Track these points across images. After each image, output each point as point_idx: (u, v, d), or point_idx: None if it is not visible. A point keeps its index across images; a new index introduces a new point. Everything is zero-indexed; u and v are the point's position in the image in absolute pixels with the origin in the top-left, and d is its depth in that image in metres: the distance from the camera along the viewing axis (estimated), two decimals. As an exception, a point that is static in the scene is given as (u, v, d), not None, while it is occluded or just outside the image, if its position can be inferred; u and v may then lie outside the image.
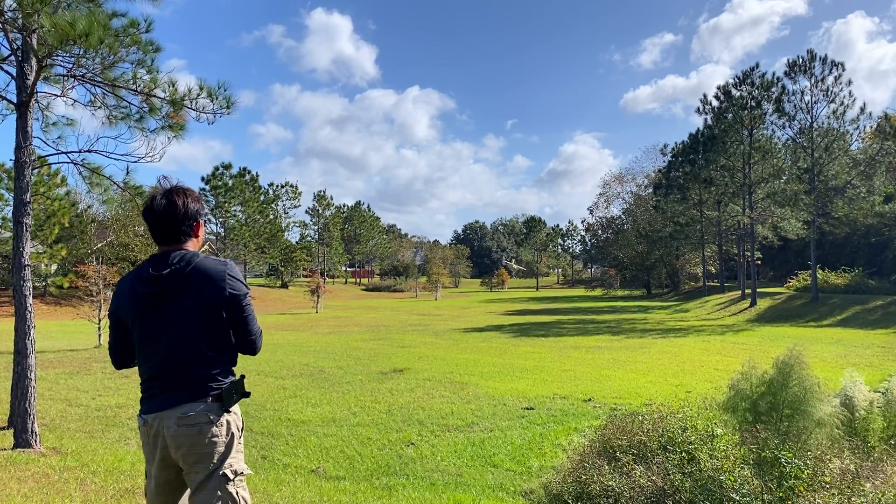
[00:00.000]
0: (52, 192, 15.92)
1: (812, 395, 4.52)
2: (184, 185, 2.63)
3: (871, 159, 33.44)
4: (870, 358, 15.16)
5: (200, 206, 2.62)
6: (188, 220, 2.54)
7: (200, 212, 2.61)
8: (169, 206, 2.52)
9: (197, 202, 2.60)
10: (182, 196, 2.57)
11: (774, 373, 4.72)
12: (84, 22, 5.52)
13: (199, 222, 2.60)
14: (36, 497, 4.79)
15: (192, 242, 2.58)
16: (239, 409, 2.61)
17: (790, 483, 3.82)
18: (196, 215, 2.58)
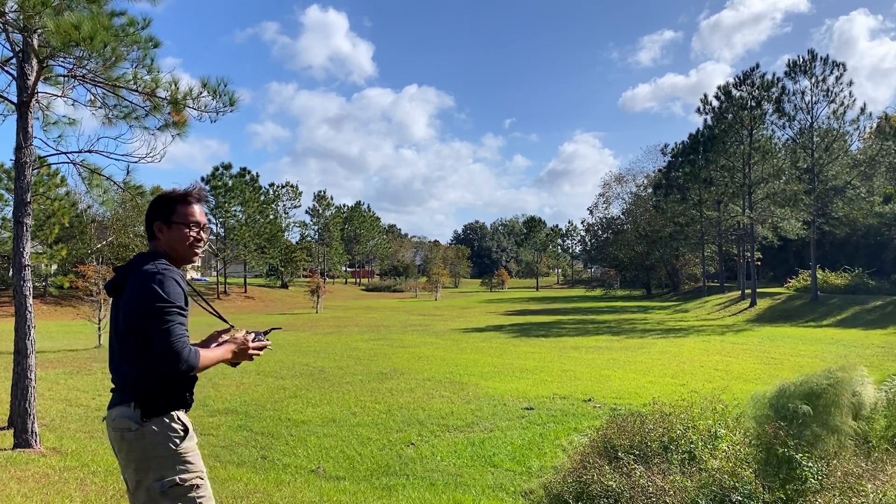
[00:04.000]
0: (52, 192, 15.90)
1: (839, 410, 4.52)
2: (173, 188, 2.68)
3: (871, 159, 33.46)
4: (870, 358, 15.16)
5: (163, 209, 2.59)
6: (148, 221, 2.61)
7: (156, 214, 2.60)
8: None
9: (159, 206, 2.60)
10: (159, 198, 2.67)
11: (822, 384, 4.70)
12: (88, 24, 5.52)
13: (160, 224, 2.58)
14: (36, 497, 4.79)
15: (155, 243, 2.58)
16: (182, 417, 2.47)
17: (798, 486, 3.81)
18: (153, 217, 2.60)
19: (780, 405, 4.66)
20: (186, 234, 2.56)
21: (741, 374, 12.87)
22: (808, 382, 4.76)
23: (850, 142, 34.06)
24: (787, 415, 4.56)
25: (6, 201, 21.17)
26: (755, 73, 34.01)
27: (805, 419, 4.46)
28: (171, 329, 2.34)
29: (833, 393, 4.61)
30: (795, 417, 4.50)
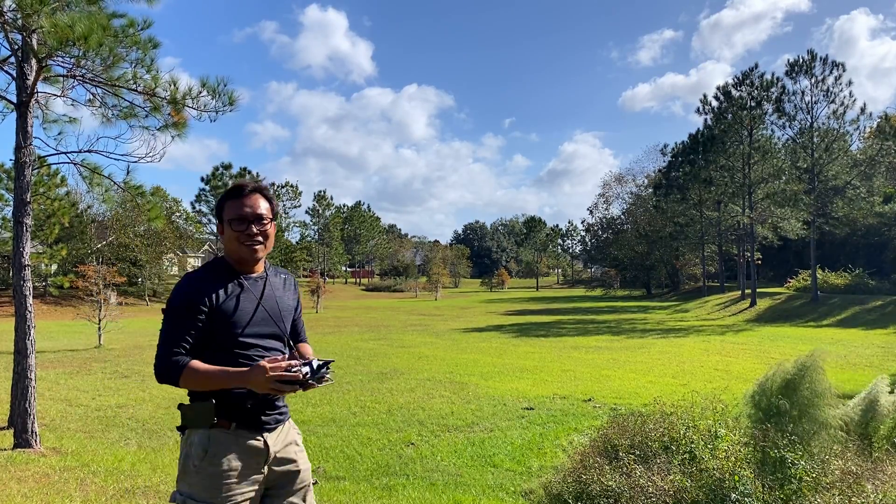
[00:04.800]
0: (53, 192, 15.93)
1: (821, 399, 4.52)
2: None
3: (871, 159, 33.47)
4: (869, 358, 15.16)
5: (218, 209, 2.43)
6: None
7: (216, 216, 2.44)
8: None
9: (216, 207, 2.45)
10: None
11: (793, 374, 4.71)
12: (83, 24, 5.52)
13: (219, 226, 2.40)
14: (36, 497, 4.79)
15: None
16: (213, 436, 2.22)
17: (794, 485, 3.81)
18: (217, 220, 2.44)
19: (763, 402, 4.67)
20: (233, 231, 2.28)
21: (741, 374, 12.86)
22: (778, 375, 4.77)
23: (850, 142, 34.10)
24: (772, 412, 4.57)
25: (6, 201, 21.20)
26: (755, 73, 34.04)
27: (792, 414, 4.46)
28: (161, 334, 2.23)
29: (810, 381, 4.62)
30: (780, 414, 4.50)
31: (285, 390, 2.11)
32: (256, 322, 2.29)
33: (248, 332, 2.26)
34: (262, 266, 2.41)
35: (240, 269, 2.34)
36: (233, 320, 2.23)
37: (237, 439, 2.23)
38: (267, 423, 2.30)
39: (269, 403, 2.29)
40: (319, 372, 2.21)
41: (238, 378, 2.13)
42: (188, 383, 2.17)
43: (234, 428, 2.23)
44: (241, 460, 2.23)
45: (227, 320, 2.23)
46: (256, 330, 2.29)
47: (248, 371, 2.12)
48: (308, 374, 2.16)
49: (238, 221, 2.27)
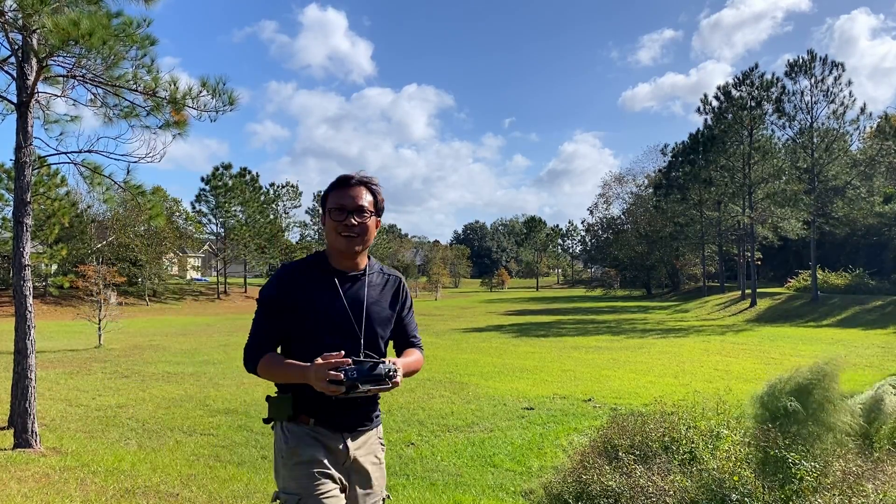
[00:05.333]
0: (53, 192, 15.92)
1: (831, 405, 4.52)
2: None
3: (871, 160, 33.48)
4: (870, 358, 15.16)
5: (322, 201, 2.34)
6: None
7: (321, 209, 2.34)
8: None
9: (321, 199, 2.36)
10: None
11: (808, 378, 4.70)
12: (87, 22, 5.52)
13: (323, 217, 2.33)
14: (36, 497, 4.79)
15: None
16: (290, 429, 2.21)
17: (795, 485, 3.81)
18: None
19: (772, 403, 4.66)
20: (331, 221, 2.22)
21: (741, 374, 12.87)
22: (795, 378, 4.76)
23: (850, 142, 34.11)
24: (780, 413, 4.57)
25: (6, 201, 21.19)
26: (755, 73, 34.06)
27: (799, 416, 4.46)
28: (252, 324, 2.27)
29: (822, 387, 4.61)
30: (788, 416, 4.50)
31: (333, 390, 1.99)
32: (336, 320, 2.21)
33: (326, 330, 2.20)
34: (363, 263, 2.33)
35: (337, 264, 2.27)
36: (311, 317, 2.20)
37: (316, 436, 2.20)
38: (347, 425, 2.24)
39: (351, 405, 2.20)
40: (371, 374, 2.03)
41: (301, 373, 2.08)
42: (265, 374, 2.19)
43: (314, 424, 2.20)
44: (323, 453, 2.19)
45: (307, 316, 2.19)
46: (335, 328, 2.21)
47: (308, 367, 2.06)
48: (354, 374, 2.00)
49: (338, 211, 2.21)
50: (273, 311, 2.22)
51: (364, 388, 2.00)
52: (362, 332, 2.24)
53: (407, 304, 2.45)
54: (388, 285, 2.38)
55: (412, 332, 2.47)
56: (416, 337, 2.49)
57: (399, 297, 2.41)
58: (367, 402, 2.29)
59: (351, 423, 2.25)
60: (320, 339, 2.18)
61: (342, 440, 2.22)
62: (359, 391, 2.00)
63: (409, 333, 2.46)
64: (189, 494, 5.02)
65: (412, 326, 2.48)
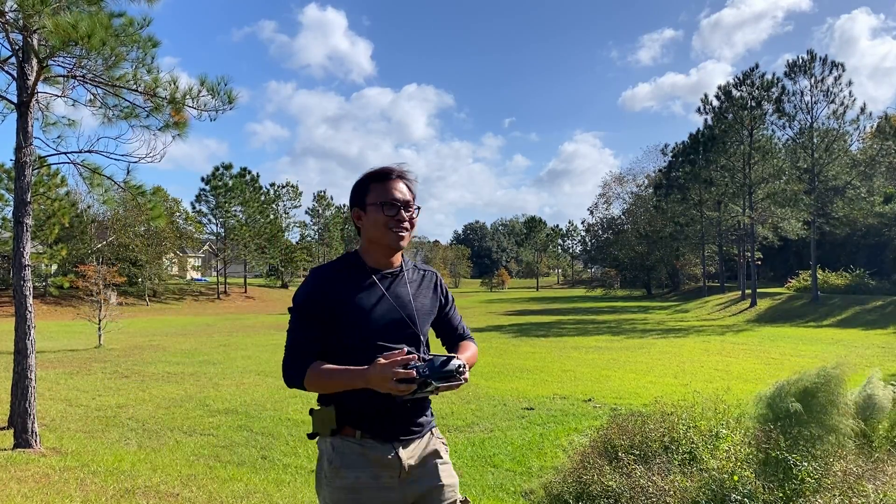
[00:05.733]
0: (53, 193, 15.92)
1: (835, 408, 4.52)
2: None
3: (871, 160, 33.50)
4: (870, 358, 15.15)
5: (357, 193, 2.18)
6: (352, 215, 2.23)
7: (353, 202, 2.19)
8: None
9: (354, 191, 2.20)
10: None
11: (814, 381, 4.70)
12: (86, 23, 5.52)
13: (357, 212, 2.18)
14: (36, 497, 4.79)
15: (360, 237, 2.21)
16: (335, 445, 2.05)
17: (795, 485, 3.81)
18: (351, 206, 2.21)
19: (777, 405, 4.66)
20: (382, 215, 2.08)
21: (741, 374, 12.86)
22: (802, 381, 4.76)
23: (850, 142, 34.12)
24: (782, 414, 4.57)
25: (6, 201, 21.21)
26: (755, 73, 34.06)
27: (801, 418, 4.46)
28: (287, 335, 2.11)
29: (827, 391, 4.61)
30: (790, 417, 4.50)
31: (402, 390, 1.85)
32: (385, 322, 2.08)
33: (375, 333, 2.06)
34: (399, 260, 2.21)
35: (374, 262, 2.15)
36: (358, 320, 2.05)
37: (364, 450, 2.04)
38: (398, 432, 2.08)
39: (399, 409, 2.05)
40: (442, 370, 1.88)
41: (360, 377, 1.93)
42: (314, 386, 2.03)
43: (360, 437, 2.04)
44: (370, 474, 2.02)
45: (353, 320, 2.05)
46: (385, 330, 2.08)
47: (368, 369, 1.92)
48: (426, 371, 1.86)
49: (390, 206, 2.08)
50: (311, 318, 2.06)
51: (434, 385, 1.86)
52: (422, 332, 2.14)
53: (449, 298, 2.36)
54: (425, 281, 2.28)
55: (460, 326, 2.39)
56: (466, 329, 2.41)
57: (439, 292, 2.31)
58: (418, 407, 2.12)
59: (402, 431, 2.09)
60: (372, 345, 2.03)
61: (393, 450, 2.06)
62: (428, 389, 1.87)
63: (458, 327, 2.38)
64: (189, 494, 5.02)
65: (458, 320, 2.39)
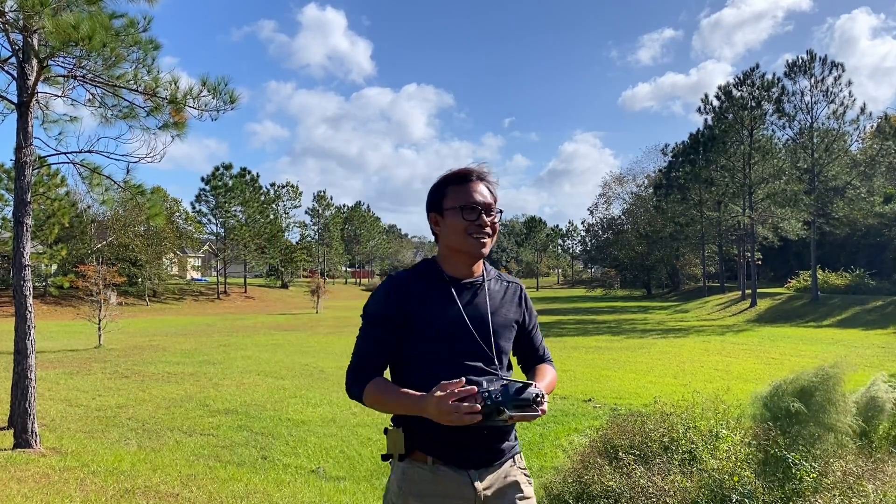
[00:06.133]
0: (53, 193, 15.93)
1: (833, 407, 4.52)
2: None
3: (871, 160, 33.50)
4: (870, 358, 15.15)
5: (434, 197, 2.03)
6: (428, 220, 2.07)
7: (429, 206, 2.04)
8: None
9: (431, 194, 2.04)
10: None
11: (812, 380, 4.70)
12: (87, 24, 5.52)
13: (434, 216, 2.02)
14: (36, 497, 4.79)
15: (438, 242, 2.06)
16: (406, 470, 1.91)
17: (795, 485, 3.81)
18: (428, 210, 2.05)
19: (774, 404, 4.67)
20: (461, 220, 1.92)
21: (741, 374, 12.86)
22: (799, 380, 4.77)
23: (850, 142, 34.13)
24: (781, 414, 4.57)
25: (6, 201, 21.23)
26: (755, 74, 34.06)
27: (800, 418, 4.46)
28: (355, 343, 2.01)
29: (825, 389, 4.62)
30: (789, 416, 4.50)
31: (466, 421, 1.66)
32: (457, 337, 1.91)
33: (445, 348, 1.90)
34: (480, 269, 2.04)
35: (453, 271, 1.99)
36: (429, 333, 1.91)
37: (436, 477, 1.88)
38: (473, 459, 1.90)
39: (475, 435, 1.83)
40: (518, 398, 1.67)
41: (417, 406, 1.78)
42: (372, 403, 1.90)
43: (432, 463, 1.88)
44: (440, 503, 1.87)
45: (422, 332, 1.92)
46: (455, 346, 1.91)
47: (425, 397, 1.76)
48: (499, 398, 1.66)
49: (470, 210, 1.92)
50: (379, 328, 1.95)
51: (507, 414, 1.65)
52: (492, 348, 1.94)
53: (532, 315, 2.14)
54: (508, 293, 2.08)
55: (541, 347, 2.17)
56: (546, 351, 2.19)
57: (523, 307, 2.10)
58: (497, 431, 1.91)
59: (478, 459, 1.90)
60: (439, 360, 1.90)
61: (469, 480, 1.88)
62: (501, 418, 1.66)
63: (538, 348, 2.16)
64: (189, 494, 5.02)
65: (539, 340, 2.17)
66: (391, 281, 2.00)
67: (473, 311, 1.95)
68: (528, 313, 2.12)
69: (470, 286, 1.99)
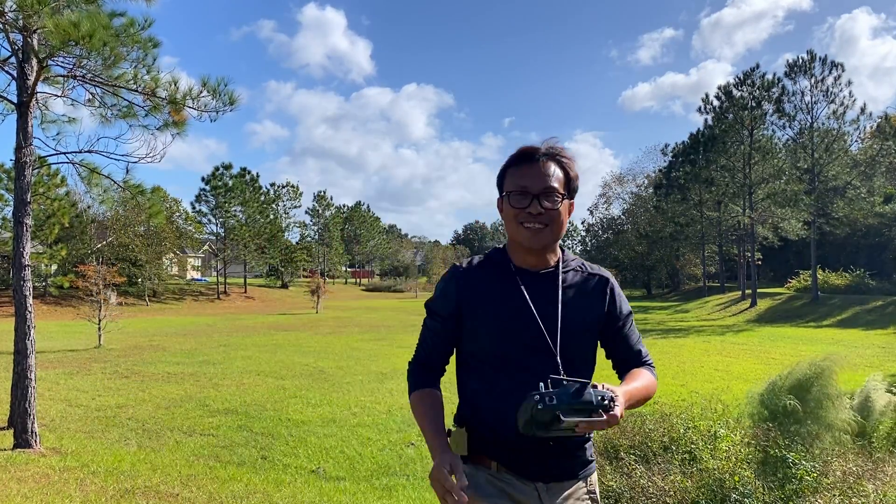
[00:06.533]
0: (52, 193, 15.94)
1: (829, 402, 4.53)
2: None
3: (872, 160, 33.50)
4: (870, 358, 15.15)
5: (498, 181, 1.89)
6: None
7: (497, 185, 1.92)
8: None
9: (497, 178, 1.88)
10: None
11: (806, 375, 4.70)
12: (87, 23, 5.52)
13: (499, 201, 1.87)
14: (36, 497, 4.79)
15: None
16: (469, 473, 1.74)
17: (795, 485, 3.81)
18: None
19: (771, 401, 4.67)
20: (511, 208, 1.76)
21: (741, 374, 12.86)
22: (793, 374, 4.77)
23: (850, 142, 34.14)
24: (779, 412, 4.57)
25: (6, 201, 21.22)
26: (755, 74, 34.08)
27: (798, 415, 4.46)
28: (420, 335, 1.95)
29: (821, 384, 4.62)
30: (787, 414, 4.50)
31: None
32: (516, 333, 1.74)
33: (502, 345, 1.75)
34: (555, 258, 1.82)
35: (520, 261, 1.81)
36: (485, 327, 1.78)
37: (502, 485, 1.74)
38: (537, 473, 1.73)
39: (539, 446, 1.67)
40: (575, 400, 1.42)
41: (433, 449, 1.71)
42: (412, 410, 1.85)
43: (497, 469, 1.74)
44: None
45: (480, 325, 1.78)
46: (514, 343, 1.74)
47: (433, 449, 1.68)
48: (553, 400, 1.42)
49: (519, 196, 1.74)
50: (437, 320, 1.85)
51: (566, 420, 1.41)
52: (557, 347, 1.73)
53: (622, 311, 1.86)
54: (589, 286, 1.84)
55: (635, 347, 1.88)
56: (642, 352, 1.89)
57: (607, 302, 1.84)
58: (566, 445, 1.73)
59: (545, 472, 1.73)
60: (500, 358, 1.75)
61: (535, 493, 1.73)
62: (561, 427, 1.42)
63: (630, 348, 1.88)
64: (189, 494, 5.02)
65: (633, 339, 1.88)
66: (451, 270, 1.87)
67: (540, 306, 1.75)
68: (614, 309, 1.85)
69: (540, 277, 1.79)
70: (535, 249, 1.77)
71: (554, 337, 1.73)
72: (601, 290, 1.85)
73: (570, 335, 1.76)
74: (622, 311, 1.86)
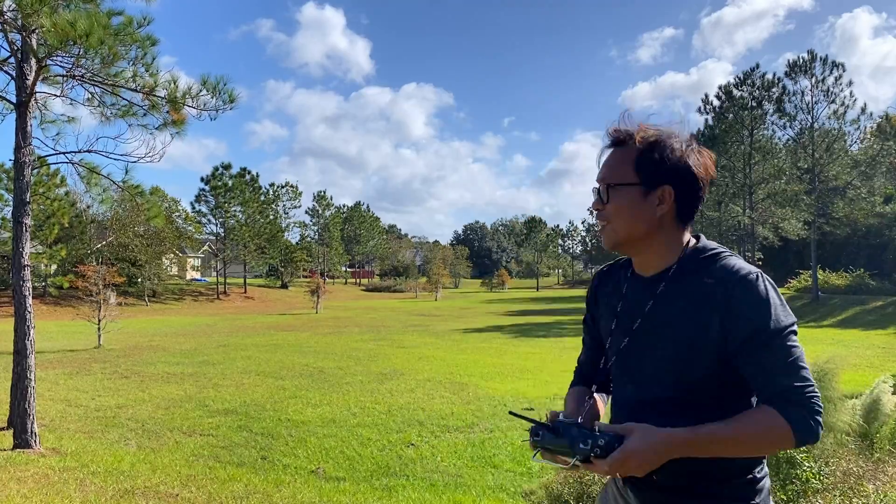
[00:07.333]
0: (52, 193, 15.93)
1: (830, 405, 4.52)
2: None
3: (872, 160, 33.47)
4: (870, 358, 15.14)
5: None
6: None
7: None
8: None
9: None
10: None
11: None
12: (84, 22, 5.52)
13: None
14: (35, 497, 4.78)
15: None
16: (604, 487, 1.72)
17: (797, 486, 3.80)
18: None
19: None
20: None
21: (742, 374, 12.86)
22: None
23: (851, 142, 34.14)
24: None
25: (6, 201, 21.21)
26: (756, 73, 34.05)
27: None
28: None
29: (822, 387, 4.61)
30: None
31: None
32: (616, 348, 1.57)
33: (609, 360, 1.61)
34: (668, 259, 1.50)
35: (636, 265, 1.58)
36: (595, 333, 1.74)
37: (620, 500, 1.59)
38: (656, 499, 1.47)
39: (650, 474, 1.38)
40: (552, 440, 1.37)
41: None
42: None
43: (623, 484, 1.54)
44: None
45: (595, 333, 1.75)
46: (615, 360, 1.58)
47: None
48: (538, 437, 1.39)
49: (594, 190, 1.55)
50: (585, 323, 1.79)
51: (546, 456, 1.40)
52: (636, 365, 1.53)
53: (740, 327, 1.37)
54: (697, 295, 1.43)
55: (760, 377, 1.36)
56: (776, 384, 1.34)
57: (720, 316, 1.39)
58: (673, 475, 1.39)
59: (662, 497, 1.47)
60: (612, 369, 1.62)
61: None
62: (545, 461, 1.42)
63: (755, 377, 1.37)
64: (189, 495, 5.01)
65: (763, 366, 1.35)
66: (598, 272, 1.74)
67: (626, 319, 1.54)
68: (733, 325, 1.37)
69: (646, 283, 1.53)
70: (608, 249, 1.56)
71: (646, 364, 1.49)
72: (712, 299, 1.41)
73: (642, 358, 1.50)
74: (741, 328, 1.37)
